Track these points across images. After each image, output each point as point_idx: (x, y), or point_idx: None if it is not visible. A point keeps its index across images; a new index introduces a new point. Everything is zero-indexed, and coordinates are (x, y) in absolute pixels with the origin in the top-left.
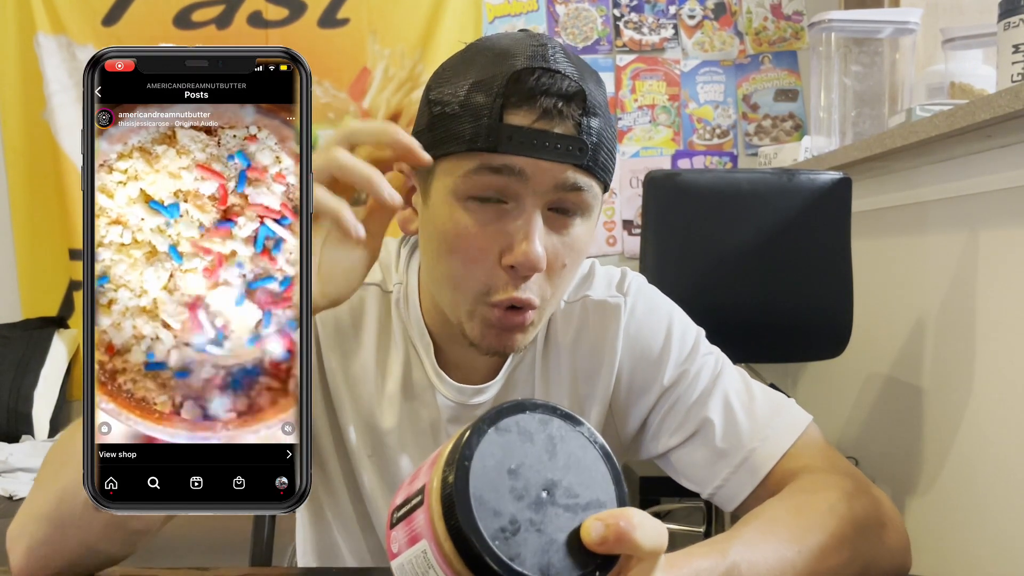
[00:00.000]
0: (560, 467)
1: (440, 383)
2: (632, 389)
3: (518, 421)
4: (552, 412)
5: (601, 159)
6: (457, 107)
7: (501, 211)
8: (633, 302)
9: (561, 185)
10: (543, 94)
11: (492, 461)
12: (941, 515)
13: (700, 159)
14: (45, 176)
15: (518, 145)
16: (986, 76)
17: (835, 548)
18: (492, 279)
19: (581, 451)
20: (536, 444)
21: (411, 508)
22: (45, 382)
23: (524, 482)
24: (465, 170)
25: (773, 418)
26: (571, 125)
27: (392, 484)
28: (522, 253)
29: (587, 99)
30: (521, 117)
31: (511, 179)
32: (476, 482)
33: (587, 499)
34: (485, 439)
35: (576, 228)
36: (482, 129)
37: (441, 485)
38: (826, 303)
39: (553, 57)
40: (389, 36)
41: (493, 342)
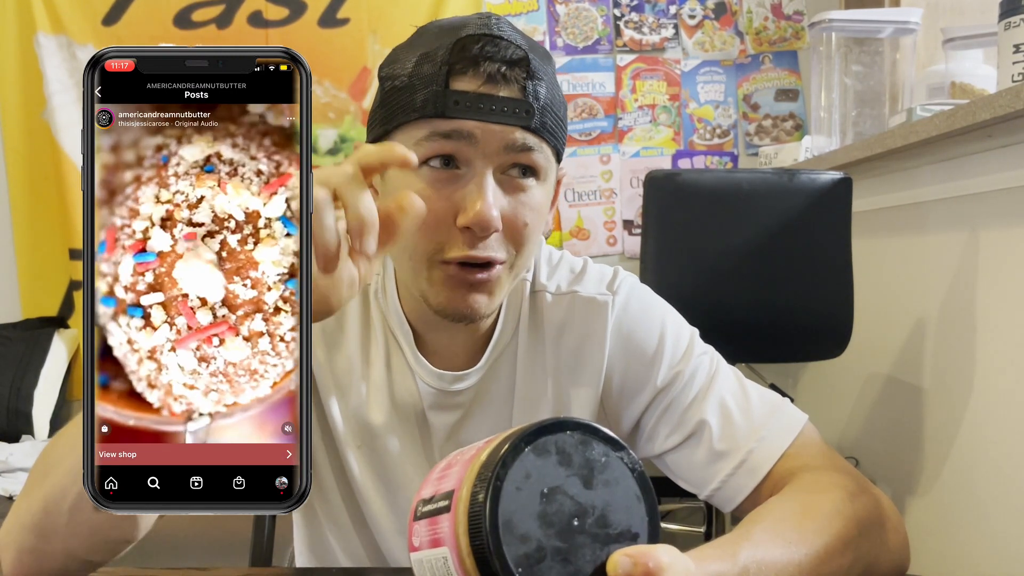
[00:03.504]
0: (594, 494)
1: (420, 369)
2: (625, 389)
3: (557, 441)
4: (594, 434)
5: (549, 123)
6: (406, 79)
7: (454, 176)
8: (625, 301)
9: (511, 146)
10: (487, 60)
11: (525, 483)
12: (941, 515)
13: (700, 159)
14: (45, 176)
15: (465, 109)
16: (986, 76)
17: (840, 549)
18: (446, 239)
19: (618, 478)
20: (573, 467)
21: (437, 510)
22: (45, 382)
23: (556, 507)
24: (416, 139)
25: (769, 418)
26: (516, 89)
27: (382, 474)
28: (475, 213)
29: (531, 64)
30: (467, 82)
31: (461, 143)
32: (506, 504)
33: (619, 529)
34: (520, 459)
35: (533, 191)
36: (430, 96)
37: (470, 501)
38: (826, 303)
39: (498, 26)
40: (389, 36)
41: (457, 304)
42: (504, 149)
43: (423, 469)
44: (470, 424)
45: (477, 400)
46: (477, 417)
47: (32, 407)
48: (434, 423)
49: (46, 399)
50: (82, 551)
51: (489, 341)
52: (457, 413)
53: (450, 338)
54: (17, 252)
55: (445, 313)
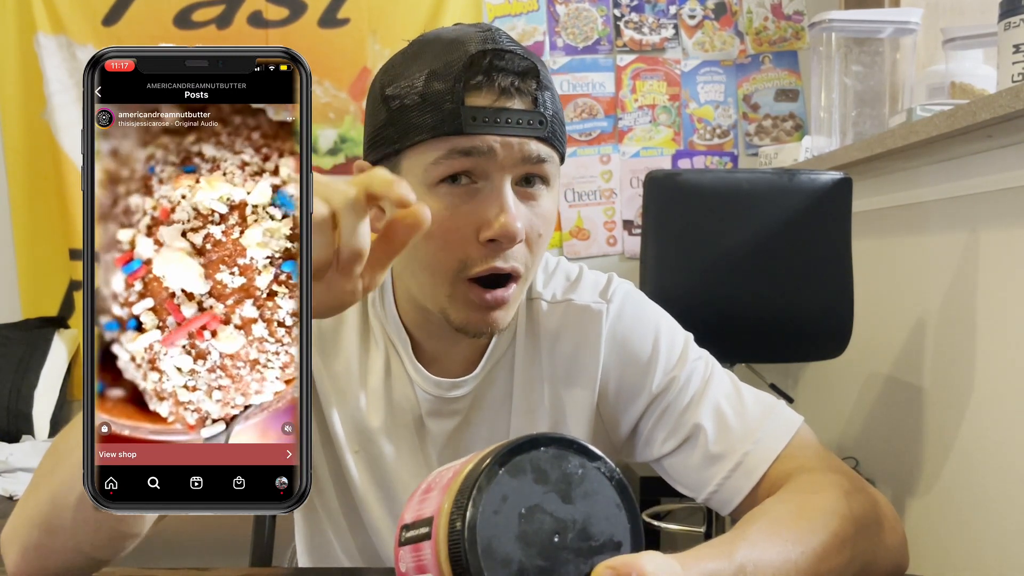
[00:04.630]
0: (574, 508)
1: (418, 376)
2: (620, 395)
3: (532, 459)
4: (568, 447)
5: (557, 131)
6: (417, 97)
7: (473, 191)
8: (619, 308)
9: (527, 158)
10: (499, 73)
11: (503, 506)
12: (941, 515)
13: (700, 159)
14: (45, 176)
15: (483, 125)
16: (986, 76)
17: (837, 548)
18: (469, 255)
19: (597, 488)
20: (549, 483)
21: (419, 536)
22: (45, 382)
23: (536, 526)
24: (434, 157)
25: (765, 421)
26: (528, 100)
27: (380, 480)
28: (501, 225)
29: (539, 74)
30: (481, 98)
31: (480, 159)
32: (484, 530)
33: (601, 539)
34: (496, 481)
35: (543, 199)
36: (446, 114)
37: (448, 529)
38: (826, 303)
39: (500, 40)
40: (389, 36)
41: (479, 322)
42: (521, 161)
43: (421, 475)
44: (468, 430)
45: (475, 407)
46: (475, 423)
47: (32, 407)
48: (432, 429)
49: (46, 399)
50: (88, 547)
51: (486, 348)
52: (455, 420)
53: (448, 346)
54: (17, 252)
55: (467, 330)
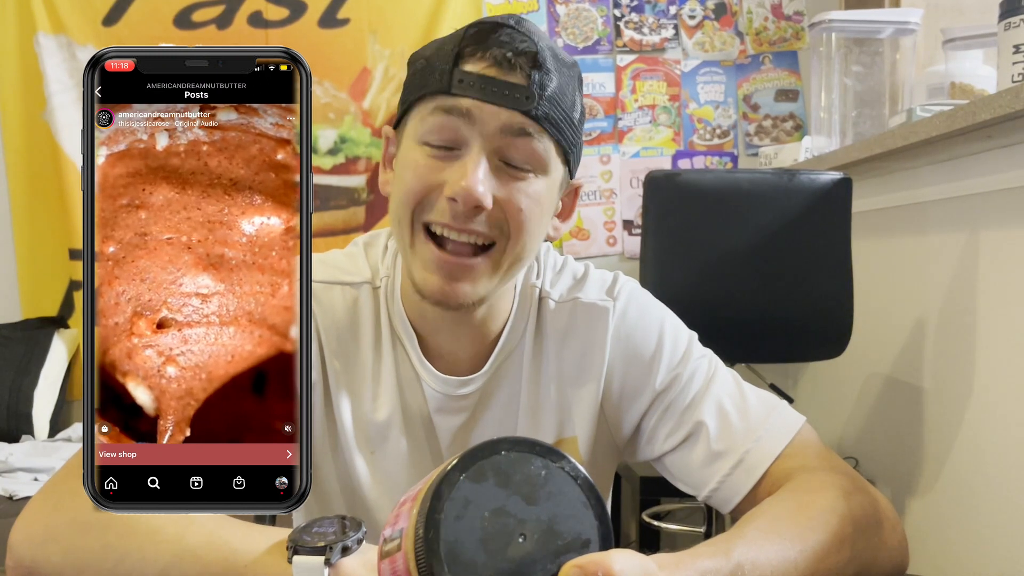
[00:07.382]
0: (539, 508)
1: (425, 373)
2: (624, 393)
3: (493, 463)
4: (530, 449)
5: (553, 116)
6: (424, 62)
7: (451, 156)
8: (624, 306)
9: (507, 128)
10: (498, 46)
11: (465, 511)
12: (941, 515)
13: (700, 159)
14: (45, 176)
15: (467, 87)
16: (986, 76)
17: (836, 547)
18: (430, 201)
19: (562, 488)
20: (512, 486)
21: (394, 549)
22: (45, 382)
23: (499, 528)
24: (423, 114)
25: (767, 419)
26: (521, 76)
27: (388, 476)
28: (460, 186)
29: (540, 56)
30: (474, 64)
31: (460, 120)
32: (448, 535)
33: (568, 538)
34: (457, 488)
35: (534, 183)
36: (438, 75)
37: (414, 537)
38: (826, 303)
39: (520, 25)
40: (389, 36)
41: (439, 289)
42: (500, 131)
43: (429, 472)
44: (476, 427)
45: (482, 403)
46: (483, 420)
47: (32, 407)
48: (440, 426)
49: (46, 399)
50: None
51: (494, 345)
52: (463, 416)
53: (454, 341)
54: (17, 252)
55: (431, 296)
